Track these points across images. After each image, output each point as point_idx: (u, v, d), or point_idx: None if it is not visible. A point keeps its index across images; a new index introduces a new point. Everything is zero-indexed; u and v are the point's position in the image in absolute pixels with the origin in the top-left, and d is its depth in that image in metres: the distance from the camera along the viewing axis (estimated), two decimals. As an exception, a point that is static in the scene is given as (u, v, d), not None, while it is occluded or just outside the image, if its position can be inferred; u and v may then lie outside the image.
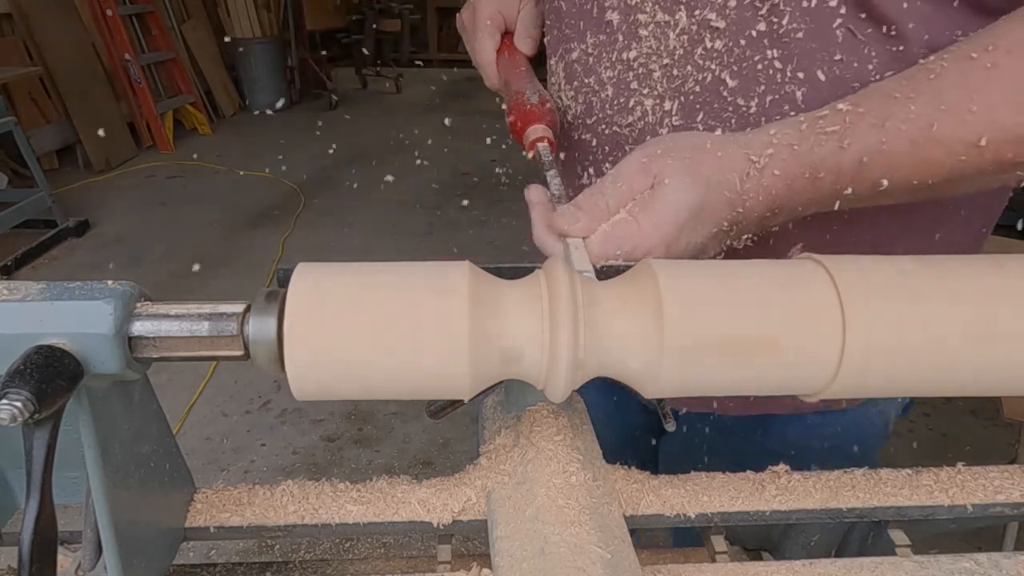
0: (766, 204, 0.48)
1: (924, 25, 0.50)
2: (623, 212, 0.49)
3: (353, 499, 0.53)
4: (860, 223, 0.59)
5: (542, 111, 0.62)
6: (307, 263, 0.42)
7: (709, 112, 0.58)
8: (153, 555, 0.48)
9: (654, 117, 0.61)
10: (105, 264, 3.44)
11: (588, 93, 0.65)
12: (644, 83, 0.60)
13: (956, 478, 0.56)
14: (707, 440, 0.81)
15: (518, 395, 0.57)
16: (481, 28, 0.74)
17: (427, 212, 4.04)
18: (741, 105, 0.56)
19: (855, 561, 0.49)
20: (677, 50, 0.57)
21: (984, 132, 0.44)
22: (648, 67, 0.60)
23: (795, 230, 0.59)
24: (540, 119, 0.62)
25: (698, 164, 0.47)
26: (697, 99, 0.58)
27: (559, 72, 0.69)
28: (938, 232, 0.63)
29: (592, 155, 0.67)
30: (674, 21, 0.57)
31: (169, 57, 5.30)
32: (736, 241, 0.52)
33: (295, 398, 0.40)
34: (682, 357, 0.40)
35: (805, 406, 0.73)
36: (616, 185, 0.49)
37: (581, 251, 0.48)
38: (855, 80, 0.52)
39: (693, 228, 0.47)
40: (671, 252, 0.47)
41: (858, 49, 0.52)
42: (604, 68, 0.63)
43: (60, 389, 0.35)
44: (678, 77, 0.58)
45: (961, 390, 0.43)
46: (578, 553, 0.42)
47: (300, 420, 2.39)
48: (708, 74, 0.57)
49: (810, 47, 0.53)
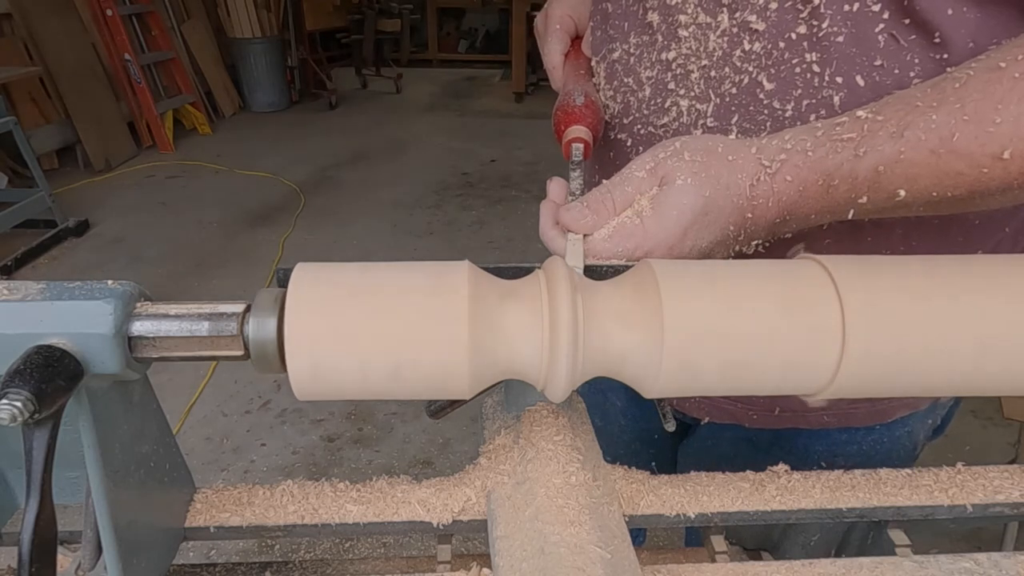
0: (777, 210, 0.48)
1: (969, 33, 0.48)
2: (629, 212, 0.49)
3: (353, 499, 0.53)
4: (891, 236, 0.58)
5: (583, 112, 0.62)
6: (307, 263, 0.42)
7: (744, 115, 0.57)
8: (153, 555, 0.48)
9: (689, 118, 0.60)
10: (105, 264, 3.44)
11: (627, 93, 0.65)
12: (681, 84, 0.60)
13: (956, 478, 0.56)
14: (728, 452, 0.80)
15: (518, 395, 0.57)
16: (551, 32, 0.75)
17: (427, 212, 4.04)
18: (777, 108, 0.56)
19: (855, 561, 0.49)
20: (716, 52, 0.57)
21: (1009, 145, 0.42)
22: (686, 68, 0.59)
23: (825, 240, 0.58)
24: (580, 120, 0.62)
25: (706, 167, 0.47)
26: (733, 101, 0.58)
27: (600, 72, 0.69)
28: (980, 249, 0.60)
29: (627, 155, 0.67)
30: (715, 23, 0.56)
31: (169, 57, 5.30)
32: (746, 247, 0.51)
33: (296, 398, 0.40)
34: (681, 357, 0.40)
35: (829, 422, 0.72)
36: (624, 185, 0.49)
37: (577, 247, 0.48)
38: (895, 87, 0.50)
39: (698, 231, 0.47)
40: (674, 254, 0.47)
41: (899, 55, 0.50)
42: (644, 68, 0.63)
43: (60, 389, 0.35)
44: (715, 79, 0.58)
45: (961, 390, 0.43)
46: (578, 553, 0.42)
47: (300, 420, 2.39)
48: (745, 76, 0.56)
49: (850, 52, 0.51)
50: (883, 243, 0.59)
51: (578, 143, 0.61)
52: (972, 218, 0.58)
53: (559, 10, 0.76)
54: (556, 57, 0.74)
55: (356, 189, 4.45)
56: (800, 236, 0.55)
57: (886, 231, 0.57)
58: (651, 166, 0.49)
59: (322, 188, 4.44)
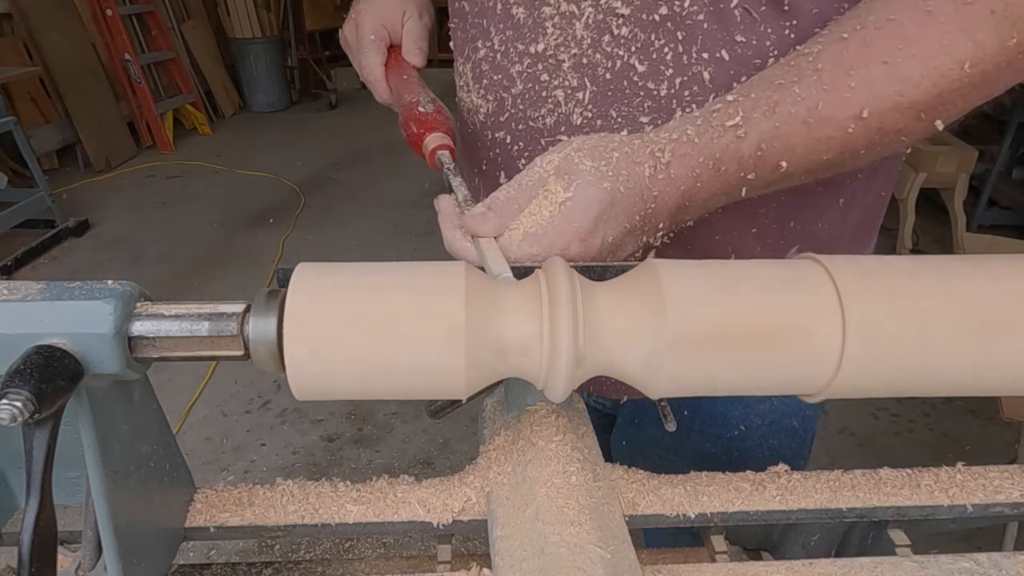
0: (676, 197, 0.50)
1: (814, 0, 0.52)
2: (537, 213, 0.49)
3: (353, 499, 0.53)
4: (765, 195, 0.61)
5: (438, 119, 0.62)
6: (307, 263, 0.42)
7: (621, 98, 0.59)
8: (153, 555, 0.48)
9: (567, 107, 0.61)
10: (105, 264, 3.44)
11: (498, 90, 0.65)
12: (555, 75, 0.60)
13: (956, 478, 0.56)
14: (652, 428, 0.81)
15: (518, 395, 0.57)
16: (366, 43, 0.73)
17: (427, 212, 4.04)
18: (652, 89, 0.57)
19: (855, 561, 0.49)
20: (585, 39, 0.58)
21: (865, 104, 0.46)
22: (557, 58, 0.60)
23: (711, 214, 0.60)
24: (437, 127, 0.62)
25: (608, 161, 0.49)
26: (608, 87, 0.59)
27: (467, 73, 0.69)
28: (841, 198, 0.65)
29: (507, 153, 0.67)
30: (580, 11, 0.57)
31: (169, 57, 5.30)
32: (652, 237, 0.52)
33: (295, 398, 0.40)
34: (683, 357, 0.40)
35: None
36: (527, 184, 0.50)
37: (495, 252, 0.48)
38: (756, 57, 0.55)
39: (607, 223, 0.48)
40: (588, 248, 0.48)
41: (755, 27, 0.54)
42: (512, 63, 0.63)
43: (60, 389, 0.35)
44: (587, 66, 0.59)
45: (960, 390, 0.43)
46: (578, 553, 0.42)
47: (300, 420, 2.39)
48: (617, 61, 0.58)
49: (712, 28, 0.54)
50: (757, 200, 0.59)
51: (444, 150, 0.61)
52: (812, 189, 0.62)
53: (370, 20, 0.74)
54: (377, 69, 0.73)
55: (356, 189, 4.45)
56: None
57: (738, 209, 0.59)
58: (552, 163, 0.50)
59: (322, 188, 4.44)
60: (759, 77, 0.51)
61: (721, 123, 0.49)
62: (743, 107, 0.49)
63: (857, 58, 0.47)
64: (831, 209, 0.66)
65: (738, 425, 0.77)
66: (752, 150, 0.49)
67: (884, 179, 0.71)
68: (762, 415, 0.77)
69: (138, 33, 5.10)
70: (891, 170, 0.72)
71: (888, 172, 0.71)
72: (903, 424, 2.34)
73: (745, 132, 0.48)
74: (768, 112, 0.48)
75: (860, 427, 2.32)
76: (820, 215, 0.65)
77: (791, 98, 0.48)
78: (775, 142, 0.48)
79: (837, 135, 0.48)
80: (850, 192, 0.66)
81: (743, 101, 0.49)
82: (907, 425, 2.34)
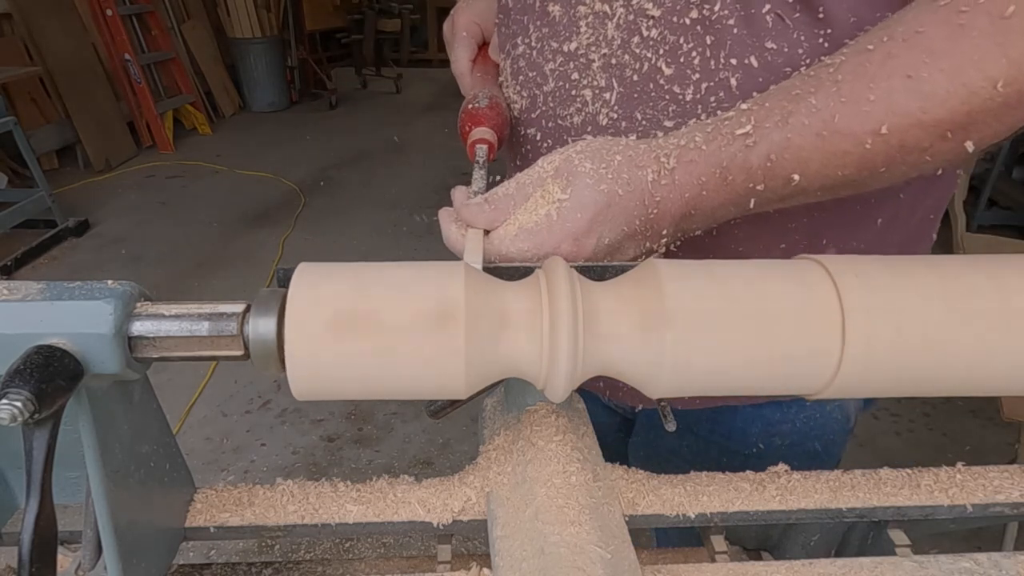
0: (680, 204, 0.49)
1: (850, 8, 0.50)
2: (534, 211, 0.49)
3: (353, 499, 0.53)
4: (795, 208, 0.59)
5: (488, 114, 0.63)
6: (307, 263, 0.42)
7: (647, 101, 0.58)
8: (153, 555, 0.48)
9: (594, 107, 0.61)
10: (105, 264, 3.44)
11: (532, 87, 0.66)
12: (584, 74, 0.61)
13: (956, 478, 0.56)
14: (670, 439, 0.81)
15: (518, 395, 0.57)
16: (458, 39, 0.75)
17: (427, 212, 4.04)
18: (678, 93, 0.57)
19: (855, 561, 0.49)
20: (615, 40, 0.58)
21: (884, 120, 0.44)
22: (588, 57, 0.60)
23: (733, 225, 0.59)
24: (484, 122, 0.62)
25: (608, 164, 0.48)
26: (634, 88, 0.58)
27: (507, 69, 0.69)
28: (880, 217, 0.63)
29: (537, 151, 0.67)
30: (612, 11, 0.57)
31: (169, 57, 5.30)
32: (656, 243, 0.52)
33: (295, 398, 0.40)
34: (683, 357, 0.40)
35: (759, 397, 0.73)
36: (527, 182, 0.50)
37: (476, 243, 0.49)
38: (787, 65, 0.53)
39: (603, 225, 0.48)
40: (581, 248, 0.48)
41: (787, 34, 0.52)
42: (547, 61, 0.63)
43: (60, 389, 0.35)
44: (616, 67, 0.59)
45: (961, 390, 0.43)
46: (578, 553, 0.42)
47: (300, 420, 2.39)
48: (645, 63, 0.57)
49: (741, 33, 0.53)
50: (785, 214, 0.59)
51: (482, 144, 0.61)
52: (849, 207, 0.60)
53: (465, 17, 0.76)
54: (464, 64, 0.74)
55: (356, 189, 4.45)
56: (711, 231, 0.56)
57: None
58: (553, 164, 0.50)
59: (322, 188, 4.44)
60: (778, 87, 0.49)
61: (731, 131, 0.48)
62: (755, 116, 0.47)
63: (879, 70, 0.44)
64: (867, 228, 0.63)
65: (757, 443, 0.76)
66: (761, 160, 0.47)
67: (934, 201, 0.67)
68: (783, 436, 0.75)
69: (138, 33, 5.10)
70: (942, 193, 0.68)
71: (939, 195, 0.67)
72: (903, 424, 2.34)
73: (754, 141, 0.47)
74: (780, 122, 0.46)
75: (860, 427, 2.30)
76: (854, 234, 0.63)
77: (806, 109, 0.46)
78: (786, 153, 0.47)
79: (854, 150, 0.46)
80: (891, 212, 0.63)
81: (756, 110, 0.48)
82: (907, 425, 2.34)
